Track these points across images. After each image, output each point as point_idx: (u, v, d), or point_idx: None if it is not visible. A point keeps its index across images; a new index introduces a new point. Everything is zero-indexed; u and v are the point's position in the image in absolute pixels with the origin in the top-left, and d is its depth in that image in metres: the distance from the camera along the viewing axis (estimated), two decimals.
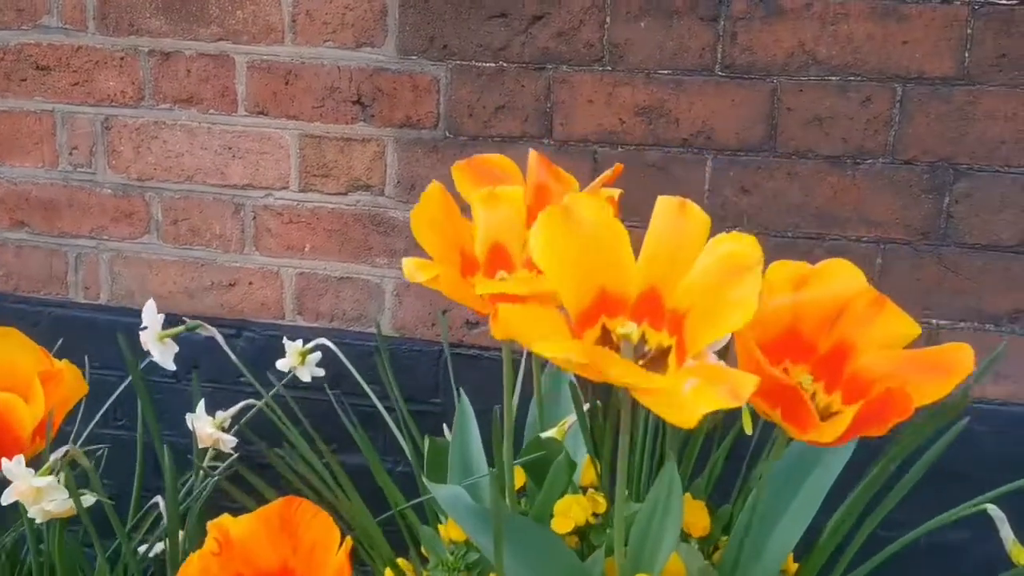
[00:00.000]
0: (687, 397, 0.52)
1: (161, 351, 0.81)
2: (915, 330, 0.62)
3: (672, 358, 0.59)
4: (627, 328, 0.58)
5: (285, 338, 0.97)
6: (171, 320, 1.24)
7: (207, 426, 0.77)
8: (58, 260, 1.20)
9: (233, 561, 0.63)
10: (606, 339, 0.60)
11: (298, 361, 0.98)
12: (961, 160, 0.95)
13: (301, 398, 1.12)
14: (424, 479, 0.76)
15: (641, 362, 0.58)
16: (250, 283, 1.15)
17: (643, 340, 0.60)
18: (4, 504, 0.73)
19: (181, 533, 0.82)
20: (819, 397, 0.63)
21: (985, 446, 0.99)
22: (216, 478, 0.79)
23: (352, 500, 0.84)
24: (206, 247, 1.15)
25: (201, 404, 0.80)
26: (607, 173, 0.80)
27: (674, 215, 0.60)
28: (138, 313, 1.19)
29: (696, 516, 0.81)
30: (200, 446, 0.79)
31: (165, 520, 0.83)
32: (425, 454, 0.85)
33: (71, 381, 0.87)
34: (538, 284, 0.62)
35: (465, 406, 0.83)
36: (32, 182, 1.18)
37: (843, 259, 0.63)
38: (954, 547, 1.05)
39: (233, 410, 0.81)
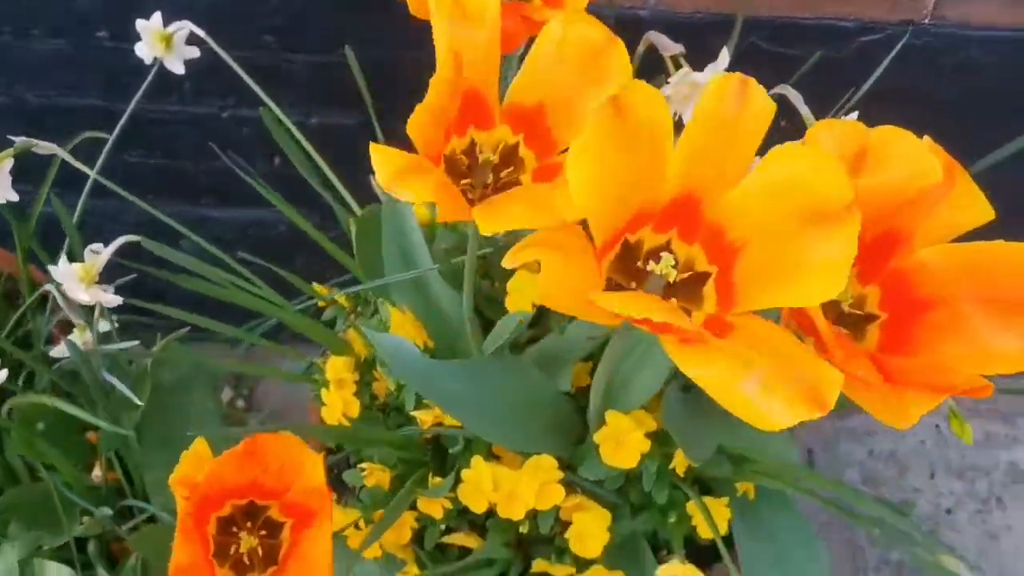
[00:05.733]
0: (753, 398, 0.40)
1: None
2: (986, 215, 0.48)
3: (710, 290, 0.46)
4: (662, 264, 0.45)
5: (139, 21, 0.76)
6: None
7: (79, 289, 0.61)
8: None
9: (201, 492, 0.57)
10: (626, 259, 0.46)
11: (162, 47, 0.78)
12: None
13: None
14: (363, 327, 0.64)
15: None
16: None
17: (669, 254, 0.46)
18: None
19: None
20: (850, 288, 0.50)
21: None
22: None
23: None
24: None
25: (62, 259, 0.62)
26: None
27: (731, 99, 0.43)
28: None
29: None
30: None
31: None
32: (353, 234, 0.71)
33: None
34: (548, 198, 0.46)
35: None
36: None
37: (906, 131, 0.46)
38: None
39: (110, 249, 0.63)
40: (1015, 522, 1.06)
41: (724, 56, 0.65)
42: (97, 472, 0.79)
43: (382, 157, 0.45)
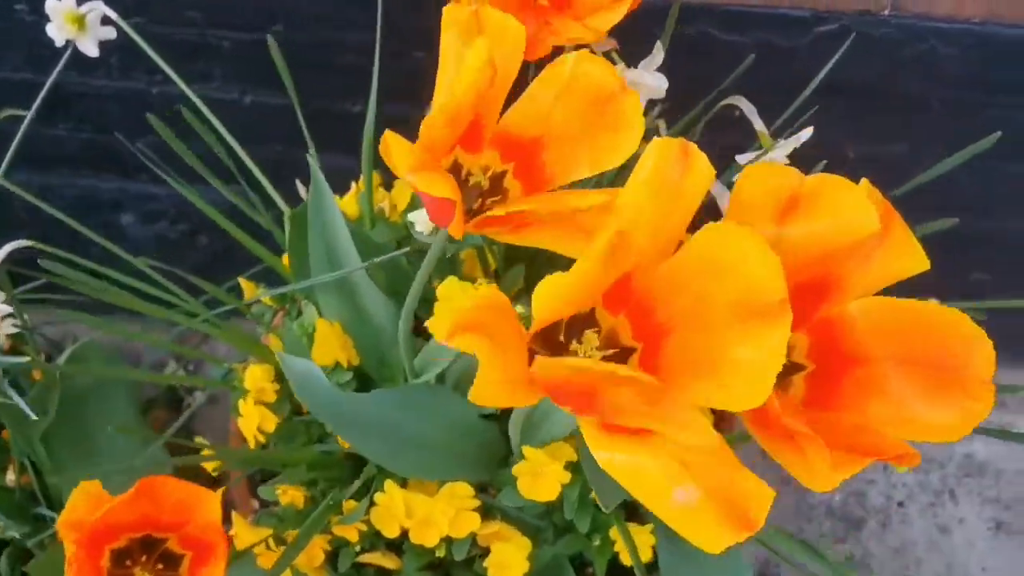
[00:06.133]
0: (683, 510, 0.37)
1: None
2: (921, 265, 0.44)
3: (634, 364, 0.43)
4: (585, 344, 0.42)
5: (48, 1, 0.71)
6: None
7: None
8: None
9: (90, 533, 0.54)
10: (548, 333, 0.43)
11: (75, 29, 0.73)
12: None
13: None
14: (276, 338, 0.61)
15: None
16: None
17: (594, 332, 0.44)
18: None
19: None
20: None
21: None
22: None
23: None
24: None
25: None
26: None
27: (673, 165, 0.40)
28: None
29: None
30: None
31: None
32: (287, 232, 0.67)
33: None
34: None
35: (317, 176, 0.63)
36: None
37: (843, 179, 0.42)
38: None
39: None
40: (967, 515, 1.05)
41: (659, 50, 0.61)
42: (11, 475, 0.77)
43: (398, 147, 0.42)
